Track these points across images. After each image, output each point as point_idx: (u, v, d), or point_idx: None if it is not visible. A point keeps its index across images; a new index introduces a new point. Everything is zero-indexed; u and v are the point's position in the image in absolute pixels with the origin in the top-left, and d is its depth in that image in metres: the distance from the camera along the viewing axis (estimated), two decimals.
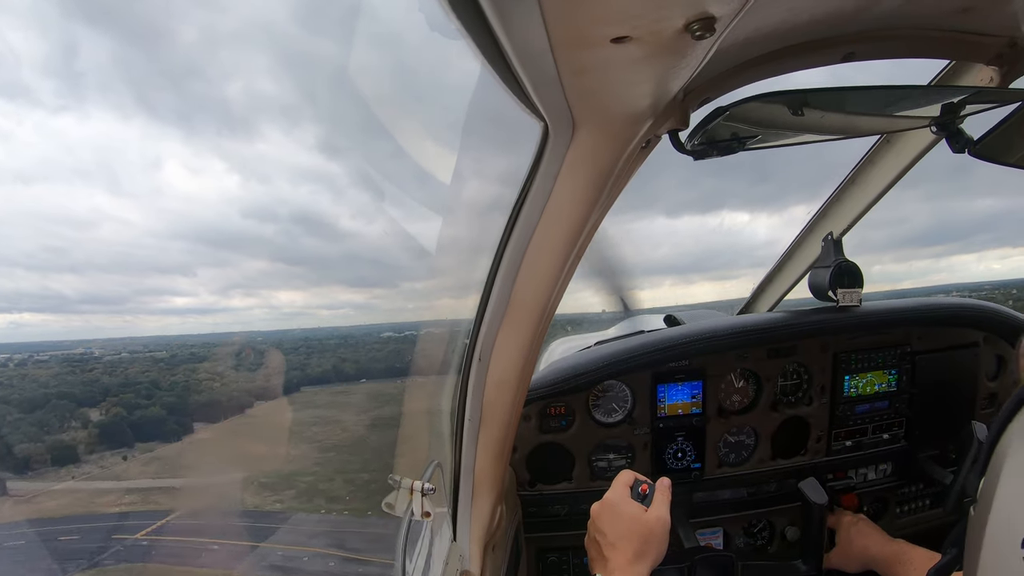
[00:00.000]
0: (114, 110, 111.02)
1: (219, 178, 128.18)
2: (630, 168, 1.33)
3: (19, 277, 50.75)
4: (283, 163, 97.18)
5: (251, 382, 13.66)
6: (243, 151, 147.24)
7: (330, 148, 50.52)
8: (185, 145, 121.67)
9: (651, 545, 1.58)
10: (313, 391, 15.38)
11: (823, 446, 2.59)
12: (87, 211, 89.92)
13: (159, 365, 12.71)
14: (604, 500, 1.67)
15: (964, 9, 1.13)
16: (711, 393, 2.49)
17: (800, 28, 1.14)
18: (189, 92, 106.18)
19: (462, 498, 1.84)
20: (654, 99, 0.95)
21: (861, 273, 2.49)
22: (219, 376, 13.65)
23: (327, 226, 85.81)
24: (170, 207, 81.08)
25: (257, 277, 64.99)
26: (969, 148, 1.34)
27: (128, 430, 13.42)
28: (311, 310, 58.34)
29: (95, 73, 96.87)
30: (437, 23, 0.76)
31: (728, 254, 53.12)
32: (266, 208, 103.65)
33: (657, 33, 0.71)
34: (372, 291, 42.24)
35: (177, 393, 13.28)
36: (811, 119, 1.22)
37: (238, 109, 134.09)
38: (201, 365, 12.58)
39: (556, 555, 2.55)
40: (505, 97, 0.95)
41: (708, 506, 2.55)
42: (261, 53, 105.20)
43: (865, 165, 2.55)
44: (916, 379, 2.61)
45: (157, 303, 55.38)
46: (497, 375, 1.65)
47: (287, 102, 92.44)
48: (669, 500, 1.66)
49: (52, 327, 57.79)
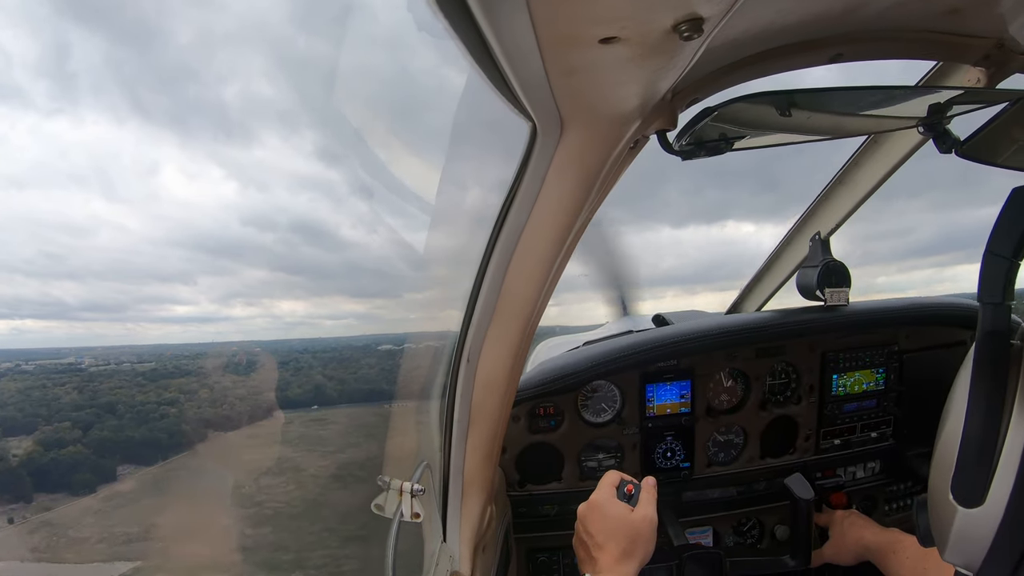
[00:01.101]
0: (107, 112, 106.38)
1: (216, 184, 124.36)
2: (618, 169, 1.33)
3: (19, 283, 48.65)
4: (280, 169, 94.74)
5: (216, 406, 10.37)
6: (238, 156, 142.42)
7: (321, 153, 48.91)
8: (181, 150, 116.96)
9: (638, 544, 1.59)
10: (288, 417, 10.66)
11: (812, 445, 2.61)
12: (84, 217, 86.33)
13: (136, 380, 10.13)
14: (590, 501, 1.68)
15: (952, 11, 1.13)
16: (700, 393, 2.50)
17: (788, 29, 1.14)
18: (183, 95, 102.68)
19: (452, 499, 1.83)
20: (642, 100, 0.95)
21: (848, 272, 2.51)
22: (187, 395, 10.27)
23: (326, 234, 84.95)
24: (167, 214, 78.18)
25: (257, 286, 63.31)
26: (956, 149, 1.35)
27: (42, 474, 9.34)
28: (313, 320, 57.31)
29: (88, 75, 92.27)
30: (425, 23, 0.75)
31: (732, 264, 53.02)
32: (265, 216, 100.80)
33: (645, 34, 0.71)
34: (372, 301, 40.91)
35: (127, 419, 10.40)
36: (799, 119, 1.22)
37: (231, 113, 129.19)
38: (174, 382, 9.99)
39: (546, 555, 2.55)
40: (493, 98, 0.94)
41: (697, 505, 2.56)
42: (254, 55, 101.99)
43: (852, 165, 2.56)
44: (904, 378, 2.63)
45: (158, 311, 53.77)
46: (485, 376, 1.65)
47: (280, 105, 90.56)
48: (655, 499, 1.67)
49: (55, 333, 55.42)
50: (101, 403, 9.89)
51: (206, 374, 6.71)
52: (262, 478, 7.84)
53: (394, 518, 1.58)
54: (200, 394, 6.65)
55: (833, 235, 2.82)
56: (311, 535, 7.14)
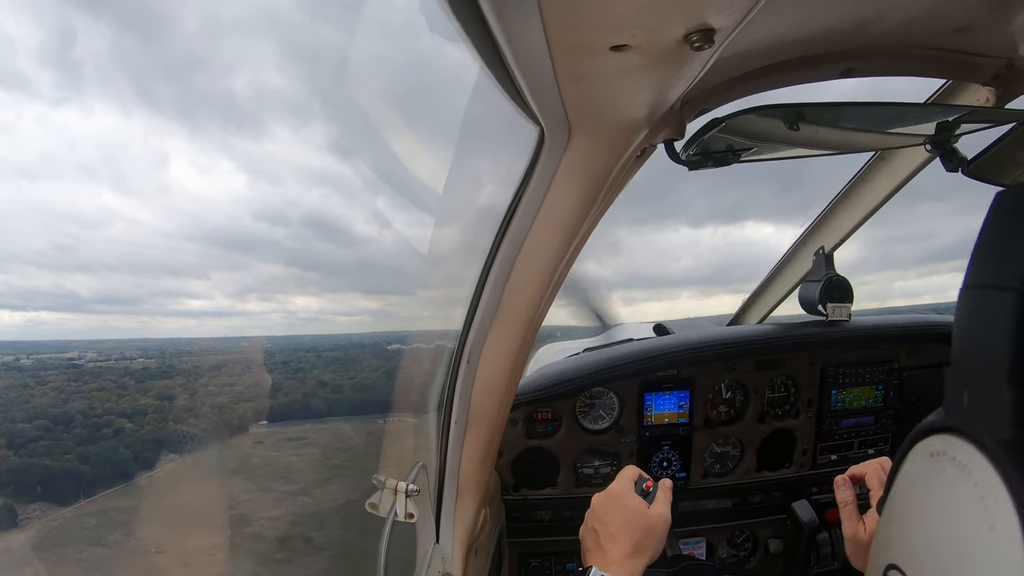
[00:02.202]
0: (115, 102, 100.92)
1: (227, 177, 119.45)
2: (625, 176, 1.33)
3: (32, 275, 47.41)
4: (291, 163, 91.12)
5: (182, 420, 7.24)
6: (249, 149, 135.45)
7: (334, 148, 48.14)
8: (190, 143, 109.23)
9: (651, 540, 1.57)
10: (264, 431, 7.69)
11: (808, 459, 2.60)
12: (95, 209, 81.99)
13: (125, 380, 7.35)
14: (608, 491, 1.66)
15: (962, 29, 1.13)
16: (698, 403, 2.49)
17: (799, 43, 1.14)
18: (191, 85, 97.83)
19: (446, 500, 1.83)
20: (651, 108, 0.95)
21: (851, 288, 2.51)
22: (162, 402, 7.04)
23: (336, 228, 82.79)
24: (179, 206, 74.45)
25: (271, 281, 61.59)
26: (963, 168, 1.35)
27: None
28: (326, 316, 56.21)
29: (93, 63, 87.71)
30: (437, 25, 0.75)
31: (748, 266, 52.22)
32: (277, 211, 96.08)
33: (656, 43, 0.71)
34: (386, 298, 39.90)
35: (101, 431, 7.42)
36: (807, 133, 1.22)
37: (242, 104, 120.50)
38: (158, 384, 7.02)
39: (539, 560, 2.54)
40: (502, 101, 0.95)
41: (692, 516, 2.55)
42: (265, 45, 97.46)
43: (858, 181, 2.56)
44: (903, 395, 2.62)
45: (173, 305, 52.41)
46: (485, 378, 1.64)
47: (291, 98, 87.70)
48: (671, 501, 1.66)
49: (71, 326, 52.94)
50: (58, 413, 7.98)
51: (198, 374, 5.11)
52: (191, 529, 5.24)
53: (388, 517, 1.58)
54: (179, 400, 4.96)
55: (849, 240, 2.81)
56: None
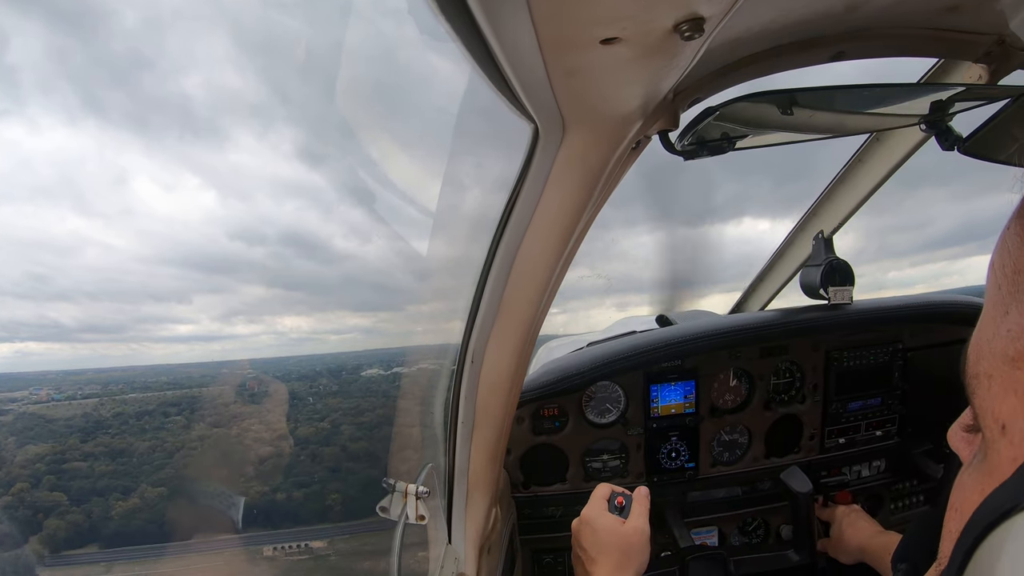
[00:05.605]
0: (60, 112, 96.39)
1: (195, 194, 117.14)
2: (620, 169, 1.33)
3: (12, 305, 45.73)
4: (274, 175, 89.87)
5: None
6: (213, 160, 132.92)
7: (316, 159, 46.88)
8: (148, 158, 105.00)
9: (631, 556, 1.60)
10: None
11: (816, 444, 2.60)
12: (65, 234, 79.50)
13: (80, 423, 6.39)
14: (582, 516, 1.70)
15: (952, 8, 1.13)
16: (704, 392, 2.49)
17: (789, 28, 1.14)
18: (141, 89, 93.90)
19: (456, 501, 1.83)
20: (644, 100, 0.95)
21: (852, 271, 2.50)
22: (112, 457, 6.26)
23: (318, 240, 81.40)
24: (150, 229, 72.88)
25: (256, 303, 61.35)
26: (958, 145, 1.35)
27: None
28: (318, 335, 55.92)
29: (31, 69, 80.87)
30: (426, 25, 0.75)
31: (741, 265, 50.83)
32: (252, 229, 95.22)
33: (646, 34, 0.71)
34: (376, 314, 39.22)
35: None
36: (800, 118, 1.22)
37: (200, 110, 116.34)
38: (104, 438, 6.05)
39: (551, 556, 2.55)
40: (495, 100, 0.95)
41: (702, 505, 2.56)
42: (225, 44, 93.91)
43: (855, 163, 2.56)
44: (908, 376, 2.63)
45: (159, 331, 51.83)
46: (489, 377, 1.65)
47: (273, 110, 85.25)
48: (647, 510, 1.69)
49: (59, 355, 51.56)
50: None
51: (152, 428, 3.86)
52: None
53: (399, 520, 1.58)
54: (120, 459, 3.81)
55: (847, 230, 2.82)
56: None
